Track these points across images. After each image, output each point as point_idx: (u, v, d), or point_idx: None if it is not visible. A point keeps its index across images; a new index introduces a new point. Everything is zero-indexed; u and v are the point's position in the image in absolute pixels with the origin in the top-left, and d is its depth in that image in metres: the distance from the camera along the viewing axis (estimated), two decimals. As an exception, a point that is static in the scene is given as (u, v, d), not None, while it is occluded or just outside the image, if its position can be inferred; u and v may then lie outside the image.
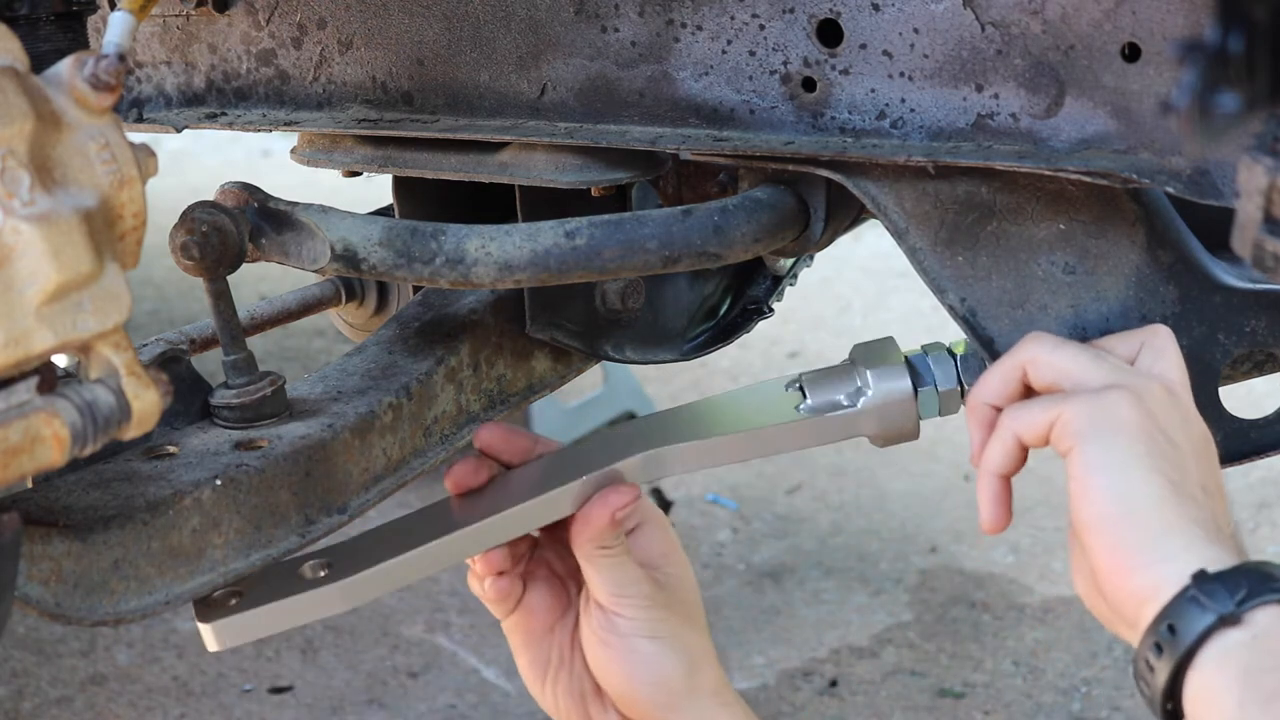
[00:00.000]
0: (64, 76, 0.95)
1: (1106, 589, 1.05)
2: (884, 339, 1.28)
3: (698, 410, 1.31)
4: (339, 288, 1.63)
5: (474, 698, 2.72)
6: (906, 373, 1.24)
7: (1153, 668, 1.00)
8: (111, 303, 0.95)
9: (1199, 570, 1.00)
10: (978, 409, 1.16)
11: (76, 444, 0.94)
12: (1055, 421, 1.09)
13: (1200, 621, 0.98)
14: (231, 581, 1.20)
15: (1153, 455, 1.06)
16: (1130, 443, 1.06)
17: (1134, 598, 1.03)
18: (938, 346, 1.27)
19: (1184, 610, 0.99)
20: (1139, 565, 1.03)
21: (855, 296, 4.54)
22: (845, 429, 1.25)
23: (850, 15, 1.21)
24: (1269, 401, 1.40)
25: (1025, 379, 1.14)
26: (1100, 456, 1.06)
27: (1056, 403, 1.10)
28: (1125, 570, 1.03)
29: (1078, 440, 1.07)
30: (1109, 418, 1.07)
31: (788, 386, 1.27)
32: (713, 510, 3.33)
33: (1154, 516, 1.04)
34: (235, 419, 1.28)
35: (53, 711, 2.72)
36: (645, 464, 1.25)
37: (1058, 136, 1.16)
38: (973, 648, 2.79)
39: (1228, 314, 1.24)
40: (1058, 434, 1.09)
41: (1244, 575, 0.99)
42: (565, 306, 1.46)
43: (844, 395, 1.24)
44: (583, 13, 1.31)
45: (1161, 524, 1.03)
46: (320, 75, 1.45)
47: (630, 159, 1.34)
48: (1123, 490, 1.05)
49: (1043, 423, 1.10)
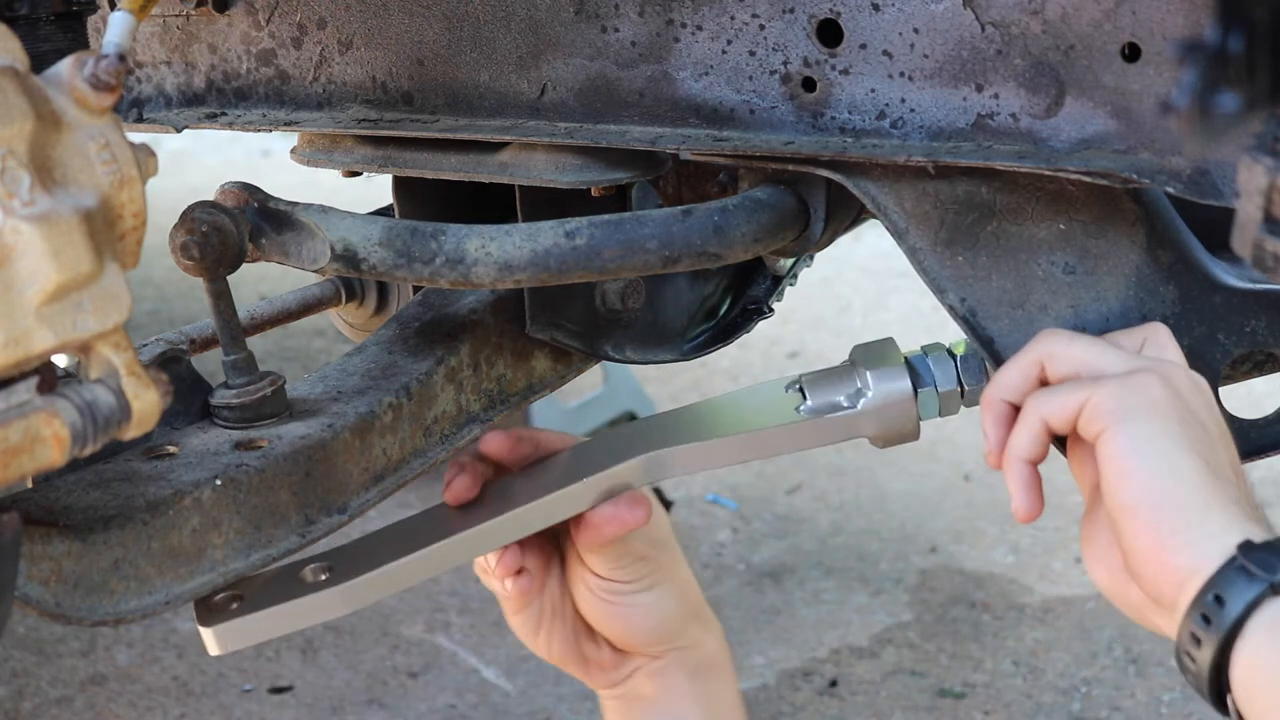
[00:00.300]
0: (64, 76, 0.95)
1: (1147, 570, 1.03)
2: (884, 340, 1.28)
3: (698, 412, 1.31)
4: (339, 288, 1.63)
5: (474, 698, 2.72)
6: (906, 374, 1.24)
7: (1200, 641, 0.99)
8: (111, 303, 0.95)
9: (1244, 540, 0.99)
10: (994, 405, 1.15)
11: (76, 444, 0.94)
12: (1085, 404, 1.08)
13: (1249, 590, 0.97)
14: (231, 582, 1.20)
15: (1187, 435, 1.05)
16: (1165, 422, 1.05)
17: (1176, 575, 1.01)
18: (937, 347, 1.27)
19: (1231, 580, 0.98)
20: (1181, 544, 1.01)
21: (855, 296, 4.54)
22: (845, 430, 1.25)
23: (850, 15, 1.21)
24: (1269, 401, 1.40)
25: (1041, 374, 1.14)
26: (1136, 436, 1.05)
27: (1085, 386, 1.09)
28: (1167, 549, 1.02)
29: (1111, 421, 1.06)
30: (1142, 398, 1.06)
31: (788, 388, 1.27)
32: (713, 510, 3.33)
33: (1194, 494, 1.03)
34: (235, 419, 1.28)
35: (53, 711, 2.72)
36: (646, 466, 1.25)
37: (1058, 136, 1.16)
38: (973, 648, 2.79)
39: (1228, 314, 1.24)
40: (1088, 416, 1.08)
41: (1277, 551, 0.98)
42: (565, 306, 1.46)
43: (844, 396, 1.24)
44: (583, 13, 1.31)
45: (1202, 502, 1.02)
46: (320, 75, 1.45)
47: (630, 159, 1.34)
48: (1162, 468, 1.04)
49: (1072, 405, 1.09)
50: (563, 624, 1.35)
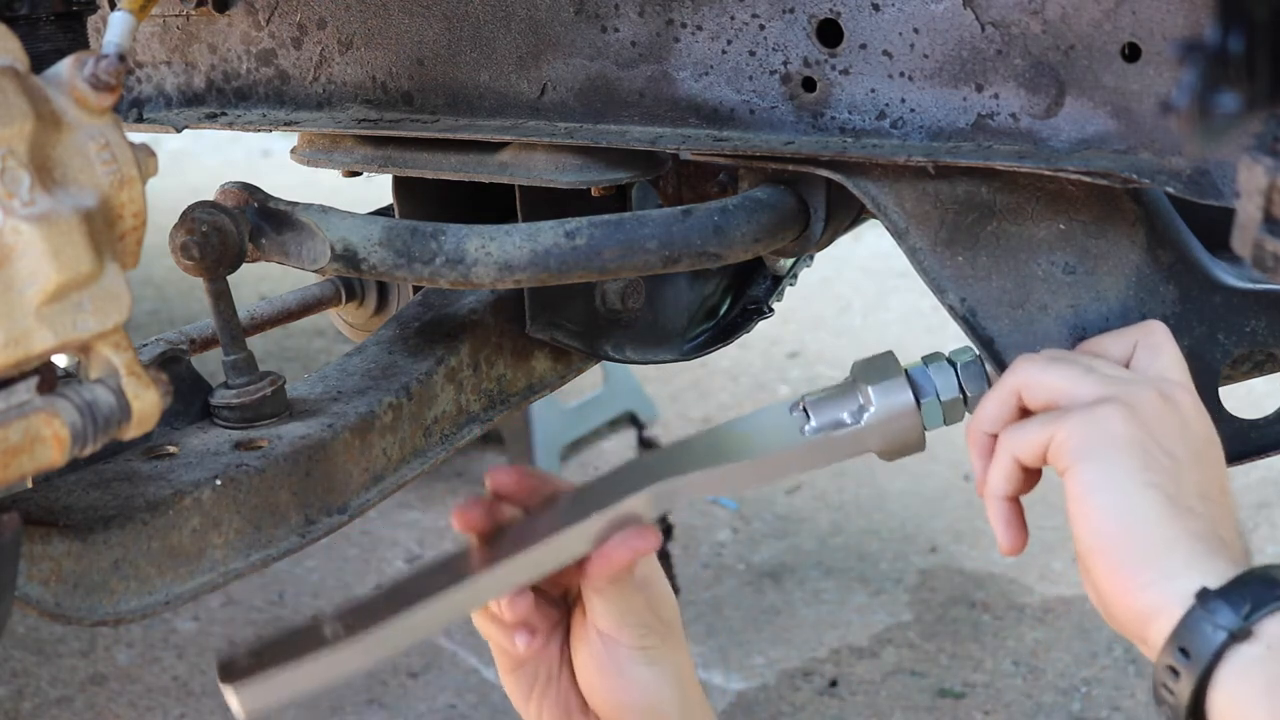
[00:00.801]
0: (64, 76, 0.95)
1: (1114, 611, 1.04)
2: (883, 354, 1.27)
3: (705, 440, 1.31)
4: (339, 288, 1.63)
5: (474, 698, 2.72)
6: (908, 386, 1.24)
7: (1173, 691, 0.99)
8: (111, 303, 0.95)
9: (1201, 589, 0.99)
10: (977, 437, 1.15)
11: (76, 444, 0.94)
12: (1050, 441, 1.08)
13: (1212, 641, 0.97)
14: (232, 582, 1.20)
15: (1148, 469, 1.04)
16: (1125, 459, 1.05)
17: (1139, 618, 1.02)
18: (937, 357, 1.27)
19: (1194, 631, 0.98)
20: (1140, 585, 1.02)
21: (855, 296, 4.54)
22: (852, 447, 1.25)
23: (850, 15, 1.21)
24: (1269, 401, 1.40)
25: (1020, 403, 1.14)
26: (1094, 476, 1.05)
27: (1051, 421, 1.08)
28: (1127, 591, 1.02)
29: (1071, 460, 1.06)
30: (1101, 434, 1.06)
31: (791, 410, 1.27)
32: (713, 510, 3.33)
33: (1152, 534, 1.02)
34: (235, 419, 1.28)
35: (53, 711, 2.72)
36: (657, 498, 1.25)
37: (1058, 136, 1.16)
38: (973, 648, 2.79)
39: (1228, 314, 1.23)
40: (1053, 454, 1.08)
41: (1248, 585, 0.98)
42: (565, 306, 1.46)
43: (847, 414, 1.24)
44: (583, 13, 1.31)
45: (1160, 541, 1.02)
46: (320, 75, 1.45)
47: (630, 159, 1.34)
48: (1118, 509, 1.04)
49: (1038, 443, 1.09)
50: (556, 693, 1.32)
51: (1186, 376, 1.13)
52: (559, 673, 1.32)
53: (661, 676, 1.29)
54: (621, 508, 1.24)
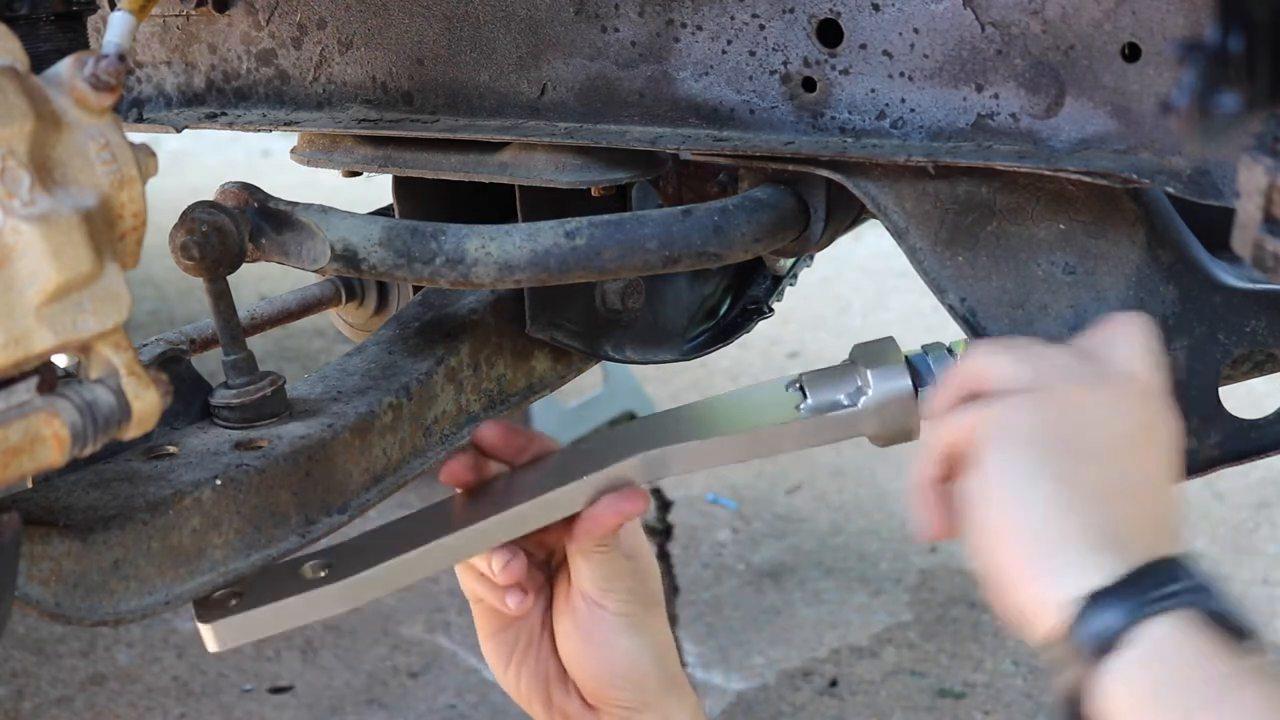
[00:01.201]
0: (64, 76, 0.95)
1: (998, 607, 1.01)
2: (884, 339, 1.28)
3: (699, 410, 1.31)
4: (339, 288, 1.63)
5: (474, 698, 2.72)
6: (907, 372, 1.24)
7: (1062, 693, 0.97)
8: (111, 303, 0.95)
9: (1084, 594, 0.96)
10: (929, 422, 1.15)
11: (76, 444, 0.94)
12: (969, 429, 1.06)
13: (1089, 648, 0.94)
14: (232, 581, 1.20)
15: (1047, 461, 1.02)
16: (1022, 450, 1.03)
17: (1021, 615, 0.99)
18: (938, 346, 1.27)
19: (1073, 637, 0.95)
20: (1023, 580, 0.99)
21: (855, 296, 4.54)
22: (846, 428, 1.25)
23: (850, 15, 1.21)
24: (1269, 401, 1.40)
25: (969, 389, 1.11)
26: (989, 466, 1.03)
27: (975, 409, 1.07)
28: (1010, 586, 1.00)
29: (977, 448, 1.05)
30: (1006, 425, 1.04)
31: (788, 386, 1.27)
32: (713, 510, 3.33)
33: (1039, 530, 1.00)
34: (235, 419, 1.28)
35: (53, 711, 2.72)
36: (646, 464, 1.25)
37: (1058, 136, 1.16)
38: (973, 648, 2.79)
39: (1228, 314, 1.23)
40: (970, 440, 1.06)
41: (1132, 586, 0.95)
42: (565, 306, 1.46)
43: (844, 395, 1.25)
44: (583, 13, 1.31)
45: (1048, 537, 0.99)
46: (320, 75, 1.45)
47: (630, 159, 1.34)
48: (1008, 502, 1.02)
49: (960, 429, 1.07)
50: (536, 660, 1.33)
51: (1147, 368, 1.09)
52: (539, 639, 1.33)
53: (643, 646, 1.30)
54: (612, 471, 1.24)
